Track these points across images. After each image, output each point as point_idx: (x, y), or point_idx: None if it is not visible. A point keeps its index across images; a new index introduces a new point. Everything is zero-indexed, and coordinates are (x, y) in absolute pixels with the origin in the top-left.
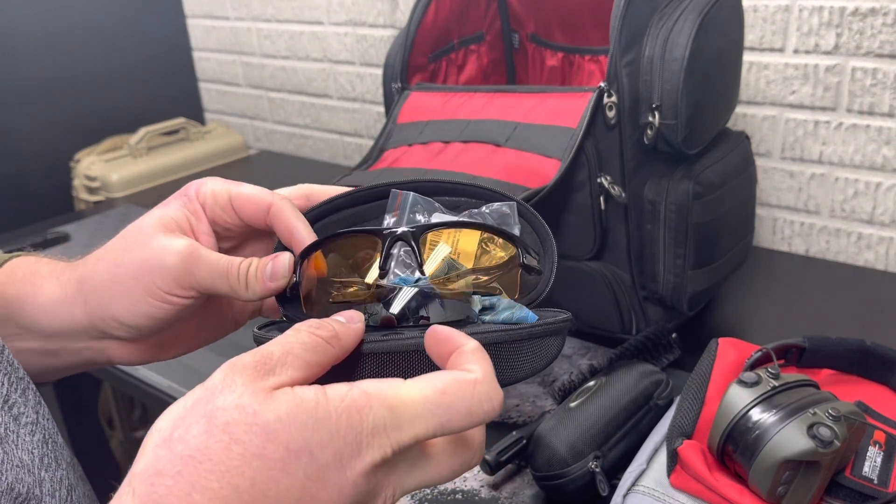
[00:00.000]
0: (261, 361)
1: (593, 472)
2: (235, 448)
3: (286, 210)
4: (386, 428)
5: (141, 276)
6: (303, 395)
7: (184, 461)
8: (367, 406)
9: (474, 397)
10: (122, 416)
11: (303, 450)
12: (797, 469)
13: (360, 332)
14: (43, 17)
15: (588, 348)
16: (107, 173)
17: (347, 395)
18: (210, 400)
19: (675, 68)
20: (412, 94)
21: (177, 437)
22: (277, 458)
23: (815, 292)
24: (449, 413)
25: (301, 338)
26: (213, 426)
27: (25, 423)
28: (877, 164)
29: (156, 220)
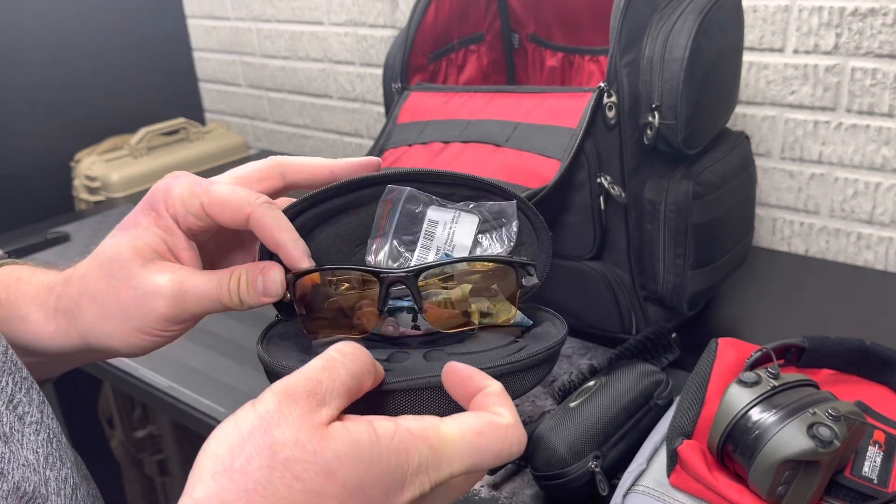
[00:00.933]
0: (312, 391)
1: (593, 472)
2: (297, 485)
3: (267, 220)
4: (428, 467)
5: (130, 319)
6: (358, 434)
7: (248, 495)
8: (413, 446)
9: (506, 441)
10: (122, 416)
11: (357, 489)
12: (797, 469)
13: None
14: (43, 17)
15: (588, 348)
16: (107, 173)
17: (395, 434)
18: (268, 432)
19: (675, 68)
20: (412, 95)
21: (238, 467)
22: (335, 495)
23: (814, 292)
24: (482, 454)
25: (347, 363)
26: (275, 461)
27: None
28: (876, 164)
29: (131, 249)
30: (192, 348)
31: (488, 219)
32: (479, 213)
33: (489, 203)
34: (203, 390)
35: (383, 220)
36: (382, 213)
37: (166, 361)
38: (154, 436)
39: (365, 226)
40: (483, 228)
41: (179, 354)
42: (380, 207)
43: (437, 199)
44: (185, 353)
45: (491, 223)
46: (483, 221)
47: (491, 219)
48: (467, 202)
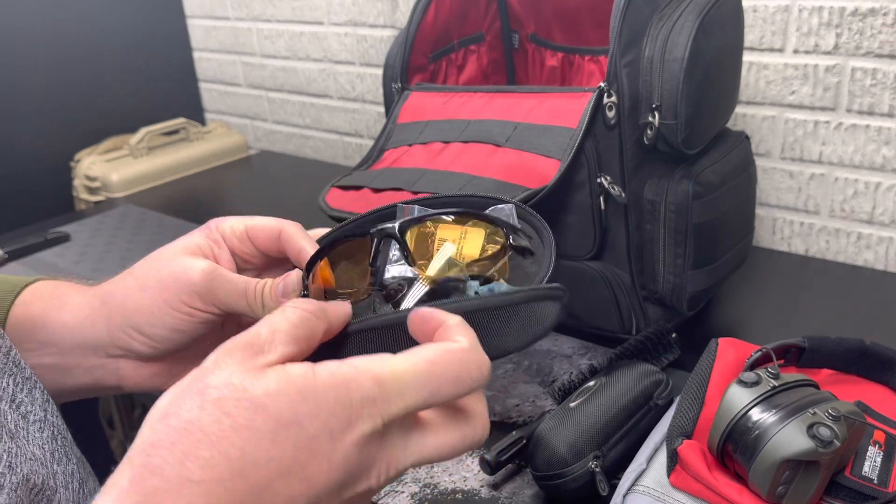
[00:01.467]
0: (250, 342)
1: (593, 472)
2: (226, 420)
3: (295, 233)
4: (375, 400)
5: (166, 290)
6: (292, 371)
7: (177, 433)
8: (355, 379)
9: (462, 365)
10: (122, 416)
11: (291, 421)
12: (797, 469)
13: (346, 309)
14: (43, 17)
15: (588, 348)
16: (107, 173)
17: (337, 370)
18: (202, 379)
19: (675, 68)
20: (412, 95)
21: (171, 412)
22: (267, 429)
23: (814, 292)
24: (437, 381)
25: (287, 314)
26: (205, 401)
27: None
28: (876, 165)
29: (180, 245)
30: None
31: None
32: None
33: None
34: None
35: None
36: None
37: None
38: None
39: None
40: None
41: None
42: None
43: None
44: None
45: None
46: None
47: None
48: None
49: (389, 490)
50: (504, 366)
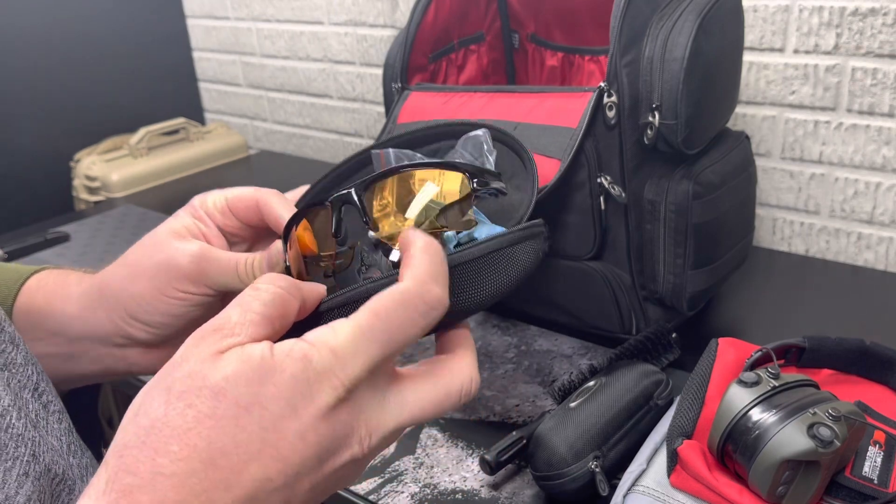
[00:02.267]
0: (219, 327)
1: (593, 472)
2: (189, 412)
3: (271, 201)
4: (332, 369)
5: (157, 277)
6: (249, 353)
7: (147, 431)
8: (309, 353)
9: (407, 304)
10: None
11: (252, 403)
12: (797, 469)
13: (321, 287)
14: (43, 17)
15: (588, 348)
16: (107, 173)
17: (293, 347)
18: (170, 373)
19: (675, 68)
20: (412, 94)
21: (141, 412)
22: (229, 415)
23: (815, 292)
24: (387, 329)
25: (259, 294)
26: (171, 396)
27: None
28: (877, 164)
29: (167, 229)
30: None
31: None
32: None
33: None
34: None
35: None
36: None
37: None
38: None
39: None
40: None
41: None
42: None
43: (419, 156)
44: None
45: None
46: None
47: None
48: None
49: (389, 490)
50: (504, 366)
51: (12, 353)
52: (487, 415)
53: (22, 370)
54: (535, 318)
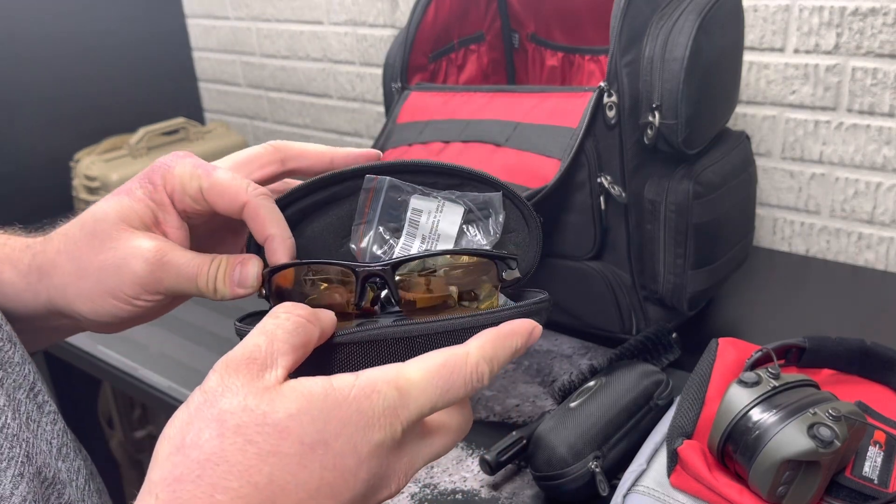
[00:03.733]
0: (251, 357)
1: (593, 472)
2: (250, 448)
3: (261, 213)
4: (395, 408)
5: (105, 280)
6: (310, 388)
7: (201, 466)
8: (376, 391)
9: (468, 365)
10: (122, 416)
11: (318, 442)
12: (797, 469)
13: (333, 317)
14: (43, 17)
15: (588, 348)
16: (107, 173)
17: (355, 383)
18: (214, 404)
19: (675, 68)
20: (412, 94)
21: (189, 442)
22: (293, 452)
23: (815, 292)
24: (449, 383)
25: (281, 322)
26: (225, 429)
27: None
28: (877, 164)
29: (118, 213)
30: (192, 349)
31: (473, 209)
32: (463, 202)
33: (474, 194)
34: None
35: (367, 208)
36: (365, 200)
37: (166, 361)
38: (153, 436)
39: (350, 217)
40: (468, 219)
41: (179, 355)
42: (362, 195)
43: (419, 188)
44: (185, 353)
45: (476, 213)
46: (468, 211)
47: (476, 209)
48: (452, 191)
49: None
50: (504, 366)
51: (9, 352)
52: (487, 415)
53: (18, 369)
54: None
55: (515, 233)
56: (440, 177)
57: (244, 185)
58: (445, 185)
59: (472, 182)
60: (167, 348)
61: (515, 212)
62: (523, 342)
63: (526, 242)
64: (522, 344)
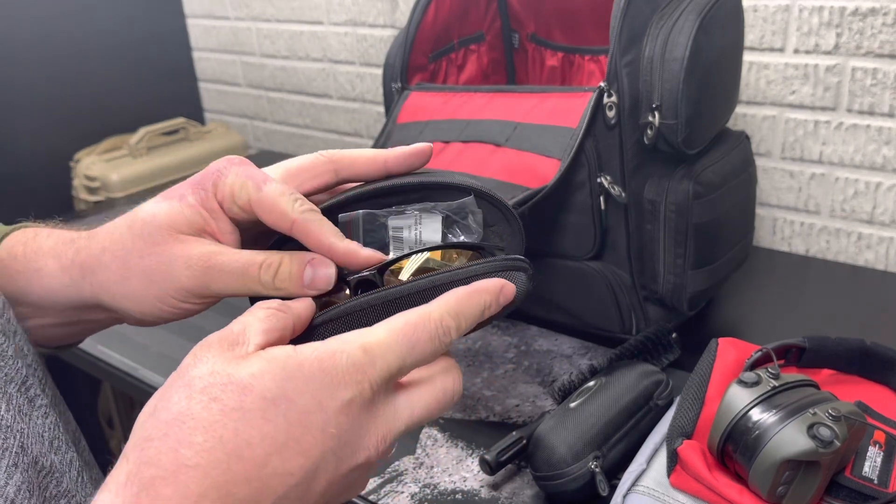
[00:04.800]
0: (224, 337)
1: (593, 472)
2: (215, 405)
3: (313, 229)
4: (361, 365)
5: (151, 284)
6: (274, 353)
7: (168, 424)
8: (339, 350)
9: (433, 321)
10: (122, 416)
11: (279, 397)
12: (797, 469)
13: (309, 302)
14: (43, 17)
15: (588, 348)
16: (107, 173)
17: (321, 345)
18: (185, 374)
19: (675, 68)
20: (412, 94)
21: (160, 407)
22: (256, 407)
23: (815, 292)
24: (413, 339)
25: (254, 311)
26: (193, 392)
27: (40, 405)
28: (877, 164)
29: (168, 218)
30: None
31: (450, 215)
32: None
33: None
34: None
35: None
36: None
37: (166, 361)
38: None
39: None
40: (448, 223)
41: (179, 355)
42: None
43: (392, 209)
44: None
45: (453, 217)
46: (446, 217)
47: (452, 214)
48: (425, 203)
49: (389, 490)
50: (504, 366)
51: (3, 345)
52: (487, 415)
53: (11, 363)
54: (535, 318)
55: (496, 226)
56: (407, 194)
57: (290, 203)
58: (415, 200)
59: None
60: (167, 348)
61: (490, 207)
62: (492, 298)
63: (508, 232)
64: (492, 300)
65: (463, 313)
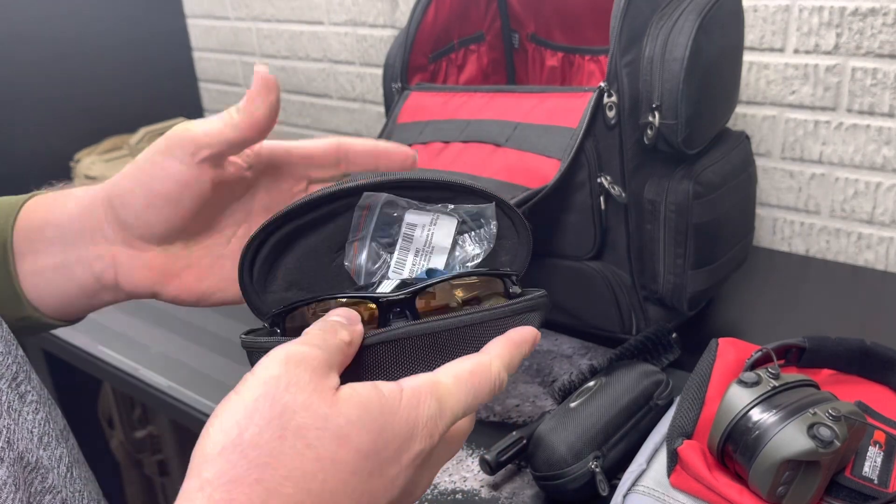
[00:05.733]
0: (317, 356)
1: (593, 472)
2: (308, 453)
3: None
4: (436, 418)
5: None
6: (367, 396)
7: (260, 469)
8: (422, 402)
9: (493, 373)
10: (122, 416)
11: (372, 451)
12: (797, 469)
13: (361, 332)
14: (43, 17)
15: (588, 348)
16: (107, 173)
17: (402, 393)
18: (277, 398)
19: (675, 68)
20: (412, 94)
21: (248, 439)
22: (349, 460)
23: (815, 292)
24: (477, 390)
25: (345, 325)
26: (287, 430)
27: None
28: (877, 164)
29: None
30: (192, 348)
31: (466, 220)
32: (457, 214)
33: (467, 206)
34: (203, 390)
35: (361, 224)
36: (360, 217)
37: (166, 361)
38: (154, 436)
39: (344, 233)
40: (461, 230)
41: (179, 355)
42: (356, 213)
43: (414, 202)
44: (185, 353)
45: (469, 224)
46: (461, 223)
47: (469, 220)
48: (445, 204)
49: None
50: None
51: None
52: (487, 415)
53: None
54: None
55: (506, 239)
56: (434, 191)
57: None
58: (439, 198)
59: (464, 194)
60: (167, 348)
61: (505, 219)
62: (529, 349)
63: (516, 248)
64: (529, 350)
65: (512, 364)
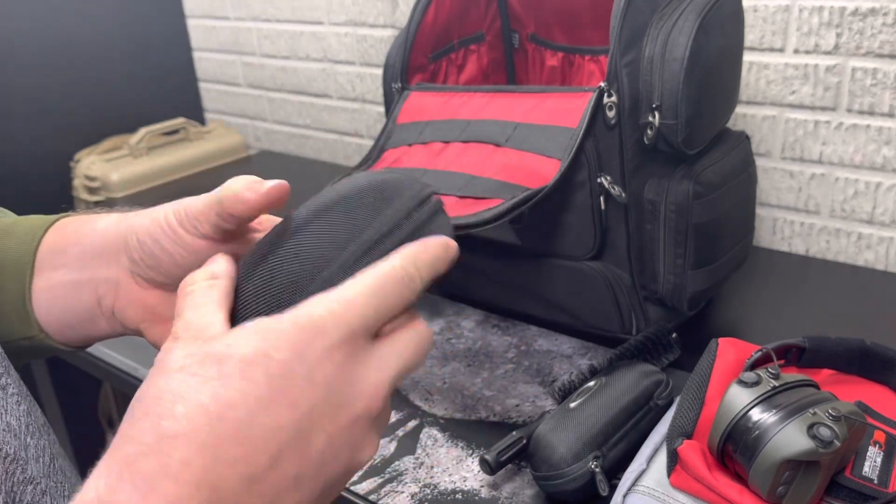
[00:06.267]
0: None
1: (593, 472)
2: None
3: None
4: (337, 313)
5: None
6: (245, 324)
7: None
8: (314, 305)
9: (397, 270)
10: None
11: (257, 355)
12: (797, 469)
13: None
14: (43, 17)
15: (588, 348)
16: (107, 173)
17: (291, 311)
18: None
19: (675, 68)
20: (412, 94)
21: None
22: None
23: (815, 292)
24: (385, 290)
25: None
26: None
27: (12, 393)
28: (877, 164)
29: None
30: None
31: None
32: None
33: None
34: None
35: None
36: None
37: None
38: None
39: None
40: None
41: None
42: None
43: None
44: None
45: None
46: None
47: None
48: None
49: (389, 490)
50: (504, 366)
51: None
52: (487, 415)
53: None
54: (535, 318)
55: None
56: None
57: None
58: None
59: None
60: None
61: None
62: (442, 251)
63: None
64: (442, 253)
65: (420, 262)
